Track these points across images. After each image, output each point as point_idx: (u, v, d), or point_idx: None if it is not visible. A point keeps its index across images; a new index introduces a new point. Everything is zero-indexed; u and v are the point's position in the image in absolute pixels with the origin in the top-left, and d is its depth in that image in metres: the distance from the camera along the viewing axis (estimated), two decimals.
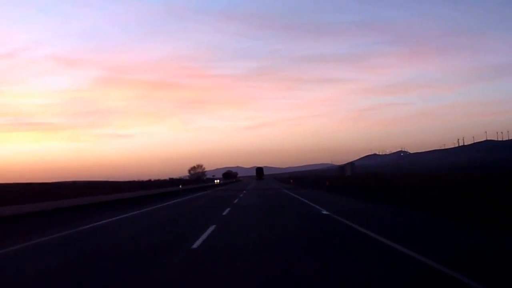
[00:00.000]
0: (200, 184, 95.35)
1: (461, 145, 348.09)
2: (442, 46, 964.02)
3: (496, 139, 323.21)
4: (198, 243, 9.48)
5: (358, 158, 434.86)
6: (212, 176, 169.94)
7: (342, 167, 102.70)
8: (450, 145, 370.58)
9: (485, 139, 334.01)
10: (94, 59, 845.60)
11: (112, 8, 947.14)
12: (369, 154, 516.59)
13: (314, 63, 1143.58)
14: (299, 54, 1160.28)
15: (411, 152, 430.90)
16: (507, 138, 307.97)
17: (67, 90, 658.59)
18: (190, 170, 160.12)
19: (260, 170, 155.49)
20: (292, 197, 29.96)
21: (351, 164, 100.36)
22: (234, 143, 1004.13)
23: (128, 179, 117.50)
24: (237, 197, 32.05)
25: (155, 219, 16.98)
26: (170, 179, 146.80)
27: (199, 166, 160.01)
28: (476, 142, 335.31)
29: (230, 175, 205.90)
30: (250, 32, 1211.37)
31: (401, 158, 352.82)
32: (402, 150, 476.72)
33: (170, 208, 23.58)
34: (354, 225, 11.94)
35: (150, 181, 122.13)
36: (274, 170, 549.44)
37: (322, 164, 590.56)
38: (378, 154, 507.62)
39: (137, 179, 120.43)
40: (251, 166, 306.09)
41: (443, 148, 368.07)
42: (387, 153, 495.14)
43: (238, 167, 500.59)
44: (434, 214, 14.05)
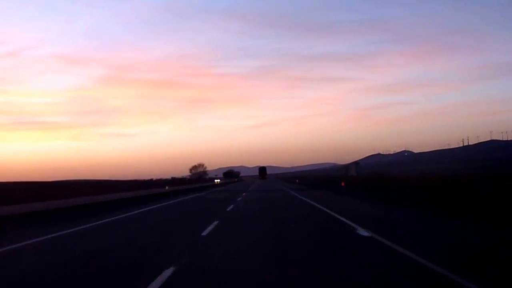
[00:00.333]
0: (197, 184, 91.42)
1: (465, 144, 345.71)
2: (446, 45, 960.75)
3: (501, 139, 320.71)
4: None
5: (362, 157, 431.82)
6: (215, 175, 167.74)
7: (347, 167, 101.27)
8: (455, 144, 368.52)
9: (490, 139, 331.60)
10: (97, 58, 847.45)
11: (115, 7, 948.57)
12: (373, 153, 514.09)
13: (317, 62, 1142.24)
14: (303, 53, 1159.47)
15: (416, 152, 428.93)
16: None
17: (70, 89, 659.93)
18: (191, 169, 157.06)
19: (263, 170, 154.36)
20: (304, 202, 24.97)
21: (356, 163, 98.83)
22: (237, 143, 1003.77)
23: (130, 178, 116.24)
24: (233, 201, 27.16)
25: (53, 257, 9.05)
26: (173, 178, 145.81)
27: (201, 165, 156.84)
28: (481, 142, 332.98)
29: (231, 175, 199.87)
30: (253, 31, 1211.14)
31: (405, 158, 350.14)
32: (406, 150, 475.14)
33: (124, 223, 16.09)
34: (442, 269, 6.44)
35: (152, 180, 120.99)
36: (277, 169, 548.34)
37: (325, 163, 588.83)
38: (382, 153, 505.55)
39: (139, 178, 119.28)
40: (254, 166, 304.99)
41: (448, 148, 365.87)
42: (391, 152, 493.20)
43: (241, 167, 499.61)
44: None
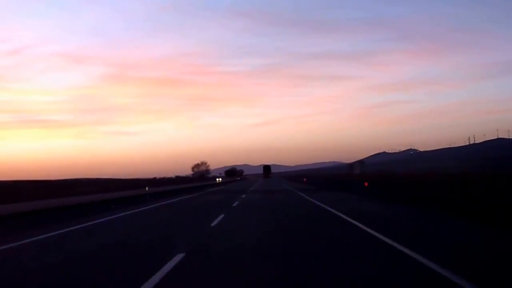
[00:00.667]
0: (197, 183, 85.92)
1: (472, 143, 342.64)
2: (451, 42, 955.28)
3: (508, 137, 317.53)
4: None
5: (367, 156, 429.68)
6: (219, 174, 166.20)
7: (352, 165, 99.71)
8: (461, 143, 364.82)
9: (496, 137, 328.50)
10: (100, 56, 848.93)
11: (118, 5, 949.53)
12: (378, 152, 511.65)
13: (321, 60, 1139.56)
14: (306, 51, 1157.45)
15: (421, 150, 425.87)
16: None
17: (73, 87, 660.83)
18: (193, 168, 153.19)
19: (267, 168, 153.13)
20: (321, 209, 18.06)
21: (361, 162, 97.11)
22: (241, 141, 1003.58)
23: (133, 177, 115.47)
24: (225, 209, 19.36)
25: None
26: (176, 177, 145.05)
27: (203, 164, 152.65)
28: (487, 140, 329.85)
29: (233, 173, 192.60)
30: (256, 29, 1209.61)
31: (411, 156, 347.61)
32: (412, 148, 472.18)
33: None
34: None
35: (155, 178, 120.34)
36: (281, 168, 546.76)
37: (330, 162, 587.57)
38: (387, 152, 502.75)
39: (141, 177, 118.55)
40: (258, 164, 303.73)
41: (454, 146, 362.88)
42: (396, 151, 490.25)
43: (245, 165, 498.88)
44: None
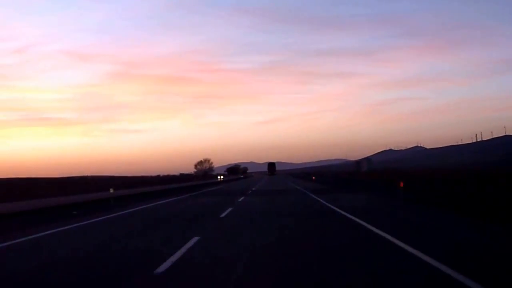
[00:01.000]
0: (196, 181, 75.98)
1: (479, 140, 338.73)
2: (457, 39, 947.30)
3: None
4: None
5: (373, 153, 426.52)
6: (223, 172, 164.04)
7: (358, 163, 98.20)
8: (468, 140, 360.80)
9: (504, 134, 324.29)
10: (106, 54, 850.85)
11: (124, 3, 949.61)
12: (384, 149, 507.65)
13: (327, 57, 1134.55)
14: (312, 48, 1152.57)
15: (428, 147, 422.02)
16: None
17: (79, 85, 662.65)
18: (196, 165, 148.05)
19: (272, 166, 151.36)
20: (363, 232, 10.48)
21: (368, 159, 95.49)
22: (247, 138, 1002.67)
23: (138, 174, 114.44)
24: (208, 222, 13.90)
25: None
26: (181, 174, 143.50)
27: (206, 161, 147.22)
28: (494, 137, 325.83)
29: (236, 171, 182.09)
30: (262, 26, 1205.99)
31: (417, 154, 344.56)
32: (418, 145, 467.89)
33: None
34: None
35: (158, 176, 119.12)
36: (287, 165, 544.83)
37: (336, 159, 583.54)
38: (393, 149, 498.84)
39: (145, 175, 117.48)
40: (264, 162, 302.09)
41: (460, 143, 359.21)
42: (403, 148, 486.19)
43: (250, 163, 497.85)
44: None
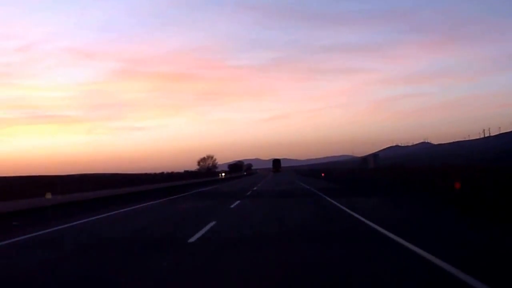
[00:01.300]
0: (195, 179, 72.76)
1: (486, 135, 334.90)
2: (464, 35, 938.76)
3: None
4: None
5: (379, 149, 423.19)
6: (227, 168, 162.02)
7: (365, 159, 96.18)
8: (475, 135, 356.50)
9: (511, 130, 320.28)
10: (110, 51, 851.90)
11: (128, 0, 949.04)
12: (390, 145, 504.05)
13: (332, 53, 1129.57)
14: (317, 44, 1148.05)
15: (435, 143, 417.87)
16: None
17: (83, 83, 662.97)
18: (199, 162, 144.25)
19: (277, 162, 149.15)
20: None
21: (375, 155, 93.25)
22: (252, 135, 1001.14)
23: (143, 172, 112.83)
24: (166, 257, 7.70)
25: None
26: (185, 172, 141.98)
27: (209, 158, 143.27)
28: (502, 132, 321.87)
29: (238, 168, 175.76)
30: (266, 22, 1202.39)
31: (425, 150, 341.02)
32: (426, 141, 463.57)
33: None
34: None
35: (162, 173, 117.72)
36: (292, 162, 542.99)
37: (342, 156, 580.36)
38: (400, 145, 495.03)
39: (150, 172, 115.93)
40: (269, 158, 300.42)
41: (468, 139, 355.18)
42: (410, 144, 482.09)
43: (255, 159, 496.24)
44: None
